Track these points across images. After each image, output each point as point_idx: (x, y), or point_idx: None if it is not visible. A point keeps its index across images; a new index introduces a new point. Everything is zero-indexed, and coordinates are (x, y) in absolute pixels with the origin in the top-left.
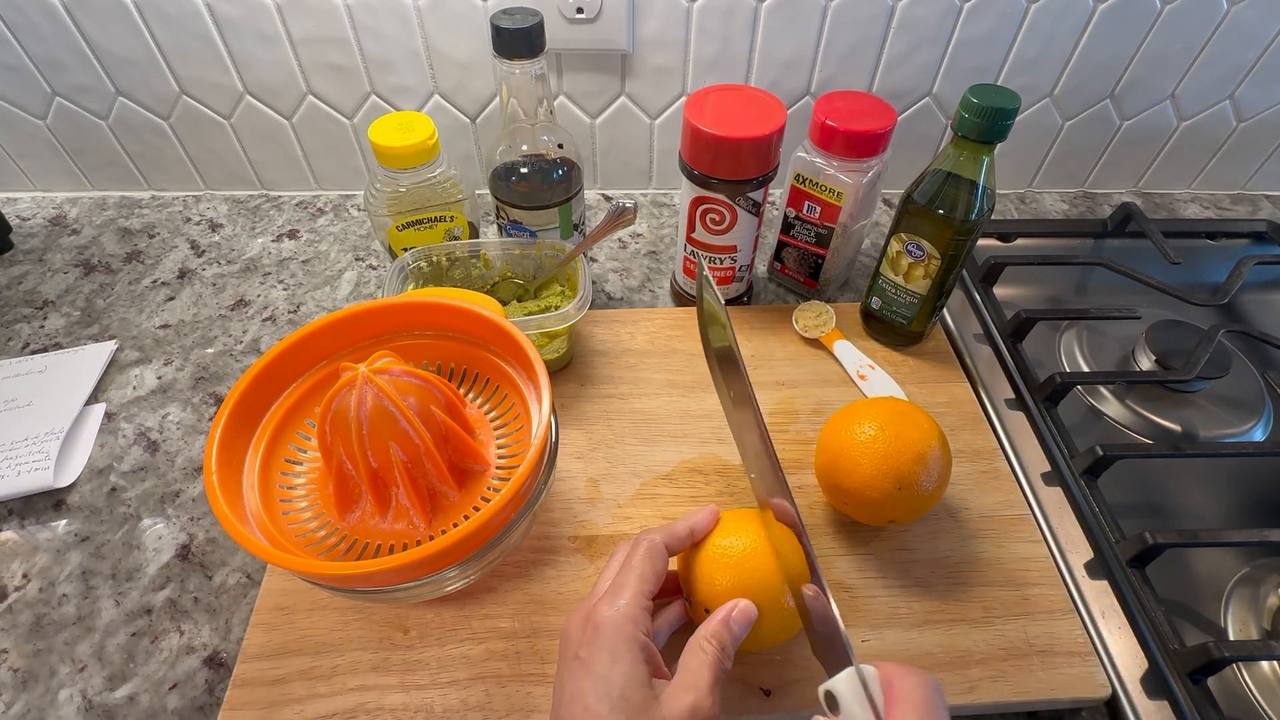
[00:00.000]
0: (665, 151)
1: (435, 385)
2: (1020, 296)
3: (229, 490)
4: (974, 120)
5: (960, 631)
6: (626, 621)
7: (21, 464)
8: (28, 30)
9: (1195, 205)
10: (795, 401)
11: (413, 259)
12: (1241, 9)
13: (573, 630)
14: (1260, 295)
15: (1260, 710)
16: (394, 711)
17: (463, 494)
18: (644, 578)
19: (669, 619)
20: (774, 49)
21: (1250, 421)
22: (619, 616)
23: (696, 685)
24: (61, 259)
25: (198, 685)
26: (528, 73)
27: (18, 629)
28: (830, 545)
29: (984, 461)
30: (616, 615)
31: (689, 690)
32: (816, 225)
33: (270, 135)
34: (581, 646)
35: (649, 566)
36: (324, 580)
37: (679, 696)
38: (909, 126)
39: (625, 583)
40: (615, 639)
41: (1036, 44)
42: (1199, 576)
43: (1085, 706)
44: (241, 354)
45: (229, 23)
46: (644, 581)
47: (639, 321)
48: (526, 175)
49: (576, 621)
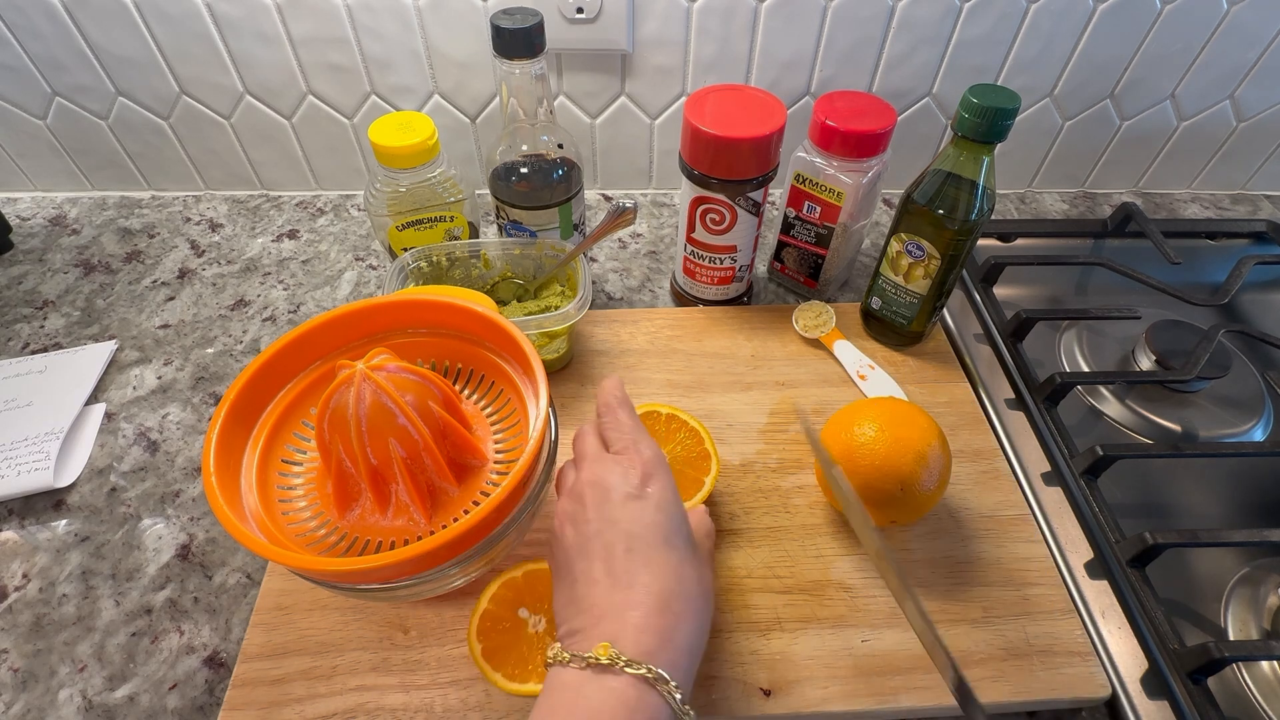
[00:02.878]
0: (665, 151)
1: (432, 381)
2: (1020, 296)
3: (228, 490)
4: (974, 120)
5: (960, 631)
6: (666, 461)
7: (21, 464)
8: (28, 30)
9: (1195, 205)
10: (795, 401)
11: (413, 259)
12: (1241, 9)
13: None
14: (1260, 295)
15: (1260, 710)
16: (394, 711)
17: (462, 489)
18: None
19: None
20: (774, 49)
21: (1250, 421)
22: (662, 458)
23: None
24: (61, 259)
25: (198, 685)
26: (528, 73)
27: (18, 629)
28: (830, 545)
29: (984, 461)
30: (660, 459)
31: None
32: (816, 225)
33: (270, 135)
34: (633, 485)
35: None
36: (325, 577)
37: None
38: (909, 126)
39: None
40: (670, 478)
41: (1036, 44)
42: (1199, 576)
43: (1085, 706)
44: (241, 354)
45: (229, 23)
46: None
47: (639, 321)
48: (526, 175)
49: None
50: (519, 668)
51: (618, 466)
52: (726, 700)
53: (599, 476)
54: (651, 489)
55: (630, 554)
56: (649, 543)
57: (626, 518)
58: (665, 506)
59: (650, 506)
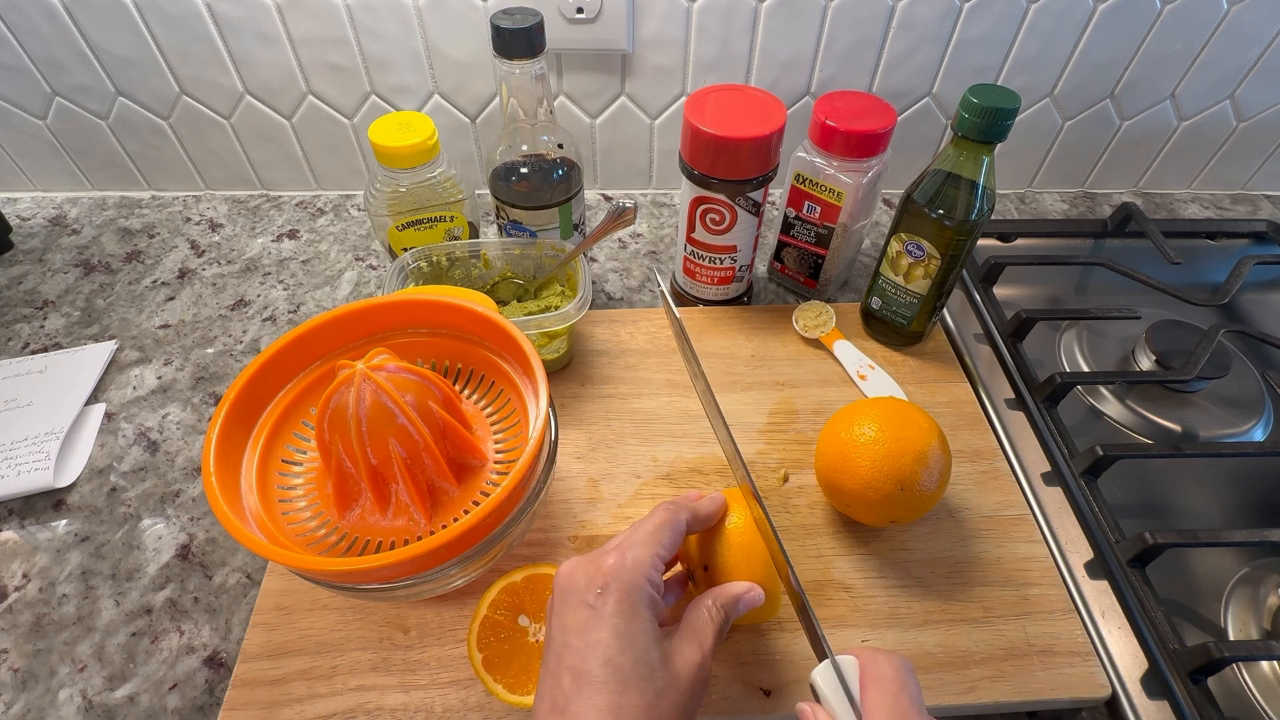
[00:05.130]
0: (665, 151)
1: (432, 381)
2: (1020, 296)
3: (228, 489)
4: (974, 120)
5: (960, 631)
6: (641, 576)
7: (21, 464)
8: (28, 30)
9: (1195, 205)
10: (795, 401)
11: (413, 259)
12: (1241, 9)
13: (578, 577)
14: (1260, 295)
15: (1260, 710)
16: (394, 711)
17: (462, 489)
18: (660, 541)
19: (674, 587)
20: (774, 49)
21: (1250, 421)
22: (635, 571)
23: (702, 644)
24: (61, 259)
25: (198, 685)
26: (528, 73)
27: (18, 629)
28: (830, 545)
29: (984, 461)
30: (633, 569)
31: (695, 647)
32: (816, 225)
33: (270, 135)
34: (591, 594)
35: (667, 534)
36: (325, 577)
37: (686, 652)
38: (909, 126)
39: (639, 540)
40: (633, 594)
41: (1036, 44)
42: (1199, 576)
43: (1085, 706)
44: (241, 354)
45: (229, 23)
46: (659, 544)
47: (639, 321)
48: (526, 175)
49: (582, 569)
50: (520, 677)
51: (585, 568)
52: (726, 700)
53: (567, 572)
54: (607, 600)
55: (574, 685)
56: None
57: (575, 628)
58: (613, 623)
59: (599, 620)
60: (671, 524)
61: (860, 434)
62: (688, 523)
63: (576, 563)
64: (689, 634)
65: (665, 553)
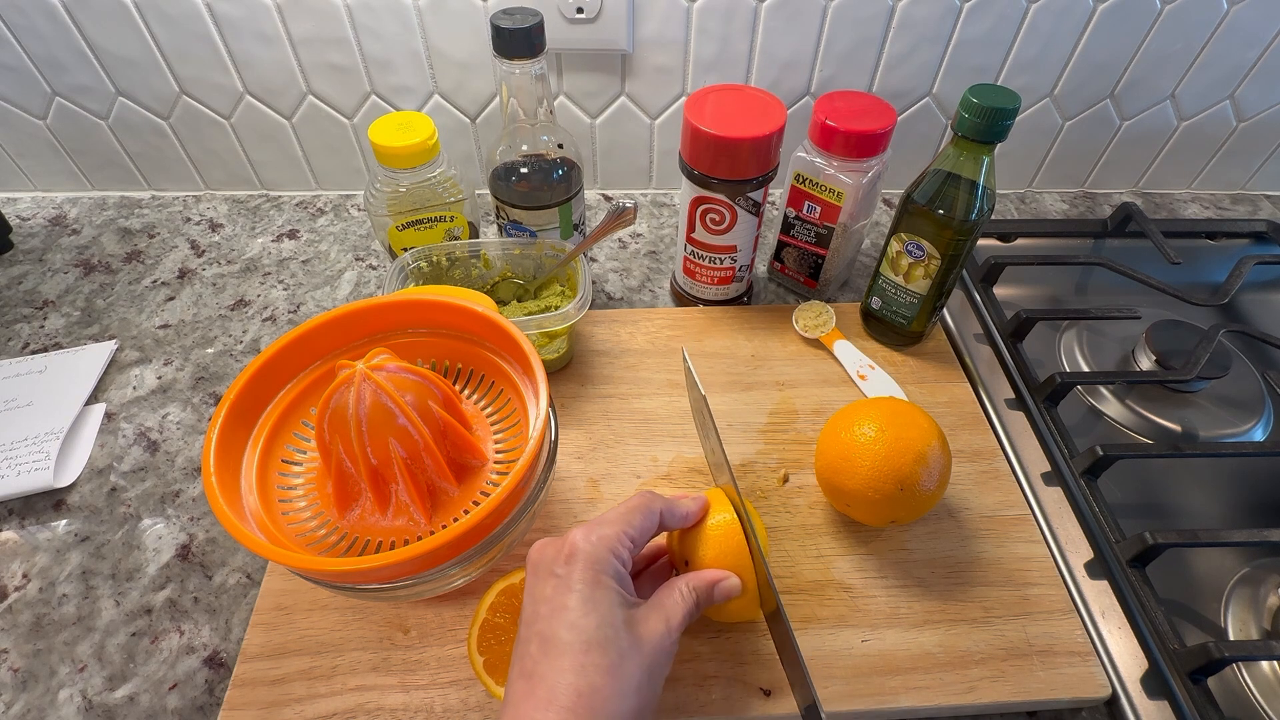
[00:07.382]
0: (665, 151)
1: (432, 381)
2: (1020, 296)
3: (228, 489)
4: (974, 120)
5: (960, 631)
6: (606, 549)
7: (21, 464)
8: (28, 30)
9: (1195, 205)
10: (795, 401)
11: (413, 259)
12: (1241, 9)
13: (548, 551)
14: (1260, 295)
15: (1260, 710)
16: (394, 711)
17: (462, 489)
18: (629, 522)
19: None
20: (774, 49)
21: (1250, 421)
22: (601, 545)
23: (669, 619)
24: (61, 259)
25: (198, 685)
26: (528, 73)
27: (18, 629)
28: (830, 545)
29: (984, 461)
30: (599, 543)
31: (661, 620)
32: (816, 225)
33: (270, 135)
34: (559, 564)
35: (638, 517)
36: (325, 577)
37: (652, 621)
38: (909, 126)
39: (609, 519)
40: (597, 564)
41: (1036, 44)
42: (1199, 576)
43: (1085, 706)
44: (241, 354)
45: (229, 23)
46: (628, 525)
47: (639, 321)
48: (526, 175)
49: (552, 545)
50: None
51: (555, 543)
52: (726, 700)
53: (538, 548)
54: (573, 569)
55: (541, 650)
56: (556, 637)
57: (543, 597)
58: (579, 590)
59: (565, 587)
60: (643, 509)
61: (860, 434)
62: (662, 512)
63: (547, 540)
64: (656, 607)
65: (634, 533)
